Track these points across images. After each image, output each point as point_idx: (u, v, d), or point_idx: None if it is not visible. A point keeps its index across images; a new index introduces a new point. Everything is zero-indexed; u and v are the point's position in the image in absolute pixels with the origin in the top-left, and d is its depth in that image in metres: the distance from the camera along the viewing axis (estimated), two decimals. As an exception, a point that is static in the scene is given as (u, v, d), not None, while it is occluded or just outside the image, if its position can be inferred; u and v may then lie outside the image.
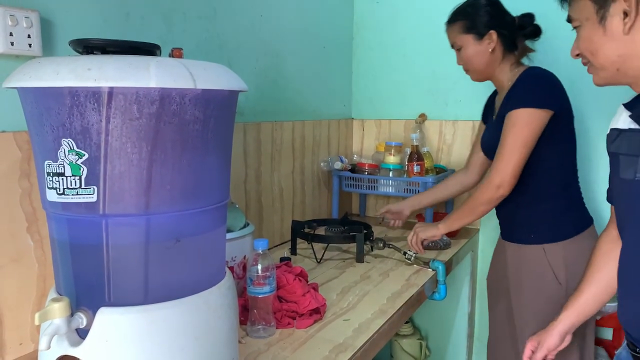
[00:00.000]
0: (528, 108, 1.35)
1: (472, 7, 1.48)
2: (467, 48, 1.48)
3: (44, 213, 0.94)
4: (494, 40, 1.45)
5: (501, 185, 1.38)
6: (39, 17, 1.00)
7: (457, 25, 1.49)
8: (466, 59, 1.50)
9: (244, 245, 1.24)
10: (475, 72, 1.53)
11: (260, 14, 1.69)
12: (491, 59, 1.48)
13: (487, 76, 1.53)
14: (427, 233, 1.60)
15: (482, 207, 1.45)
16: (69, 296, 0.73)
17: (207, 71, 0.73)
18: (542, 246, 1.44)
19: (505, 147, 1.38)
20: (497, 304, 1.64)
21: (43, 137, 0.71)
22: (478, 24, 1.46)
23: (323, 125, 2.11)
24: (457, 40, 1.50)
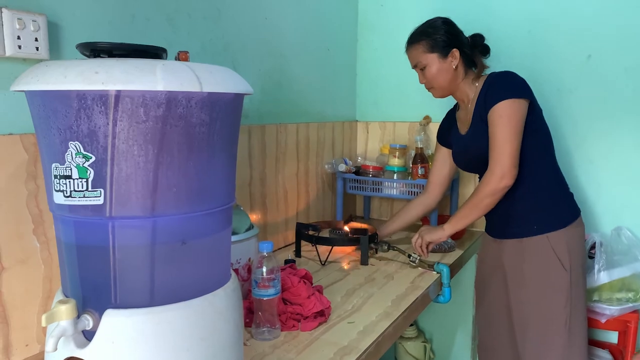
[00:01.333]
0: (509, 99, 1.41)
1: (432, 27, 1.54)
2: (432, 66, 1.54)
3: (50, 215, 0.95)
4: (456, 58, 1.53)
5: (504, 175, 1.40)
6: (46, 20, 1.01)
7: (420, 45, 1.55)
8: (430, 77, 1.55)
9: (249, 247, 1.25)
10: (439, 89, 1.58)
11: (265, 16, 1.69)
12: (454, 75, 1.54)
13: (450, 92, 1.59)
14: (432, 236, 1.59)
15: (487, 199, 1.45)
16: (75, 298, 0.73)
17: (213, 74, 0.74)
18: (546, 235, 1.46)
19: (498, 139, 1.41)
20: (492, 304, 1.63)
21: (50, 140, 0.71)
22: (441, 43, 1.52)
23: (327, 127, 2.11)
24: (422, 60, 1.55)
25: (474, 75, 1.57)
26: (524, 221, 1.50)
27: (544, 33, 1.91)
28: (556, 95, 1.91)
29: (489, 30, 1.99)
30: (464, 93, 1.58)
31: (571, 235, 1.48)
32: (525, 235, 1.50)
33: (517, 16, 1.95)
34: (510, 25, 1.96)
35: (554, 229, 1.47)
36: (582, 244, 1.52)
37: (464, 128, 1.61)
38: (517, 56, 1.95)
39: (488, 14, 2.00)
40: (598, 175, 1.89)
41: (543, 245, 1.47)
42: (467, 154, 1.60)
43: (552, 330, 1.46)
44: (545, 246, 1.46)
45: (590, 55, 1.85)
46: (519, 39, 1.95)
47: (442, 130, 1.75)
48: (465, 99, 1.59)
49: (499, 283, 1.59)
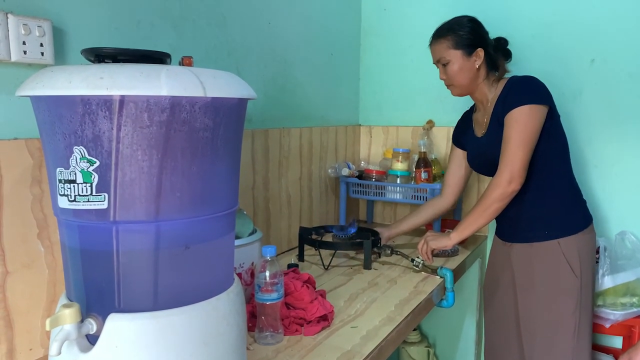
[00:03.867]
0: (527, 105, 1.40)
1: (459, 24, 1.54)
2: (455, 63, 1.52)
3: (54, 219, 0.95)
4: (480, 58, 1.52)
5: (512, 180, 1.39)
6: (51, 26, 1.01)
7: (446, 41, 1.53)
8: (452, 74, 1.53)
9: (252, 251, 1.25)
10: (459, 87, 1.56)
11: (269, 22, 1.70)
12: (476, 75, 1.53)
13: (469, 91, 1.58)
14: (438, 243, 1.58)
15: (495, 205, 1.44)
16: (79, 302, 0.74)
17: (217, 79, 0.74)
18: (557, 241, 1.45)
19: (510, 143, 1.40)
20: (500, 308, 1.63)
21: (55, 145, 0.72)
22: (466, 41, 1.51)
23: (330, 131, 2.11)
24: (446, 55, 1.53)
25: (495, 78, 1.57)
26: (535, 226, 1.49)
27: (547, 37, 1.92)
28: (560, 99, 1.90)
29: (492, 34, 2.00)
30: (483, 94, 1.57)
31: (582, 241, 1.48)
32: (535, 239, 1.49)
33: (521, 21, 1.95)
34: (515, 30, 1.95)
35: (565, 235, 1.46)
36: (592, 251, 1.52)
37: (480, 130, 1.60)
38: (521, 60, 1.95)
39: (493, 18, 2.00)
40: (602, 180, 1.88)
41: (554, 250, 1.46)
42: (482, 157, 1.59)
43: (560, 336, 1.46)
44: (556, 251, 1.46)
45: (594, 59, 1.85)
46: (523, 43, 1.95)
47: (457, 131, 1.74)
48: (484, 101, 1.58)
49: (507, 286, 1.58)
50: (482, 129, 1.58)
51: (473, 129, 1.64)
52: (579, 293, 1.44)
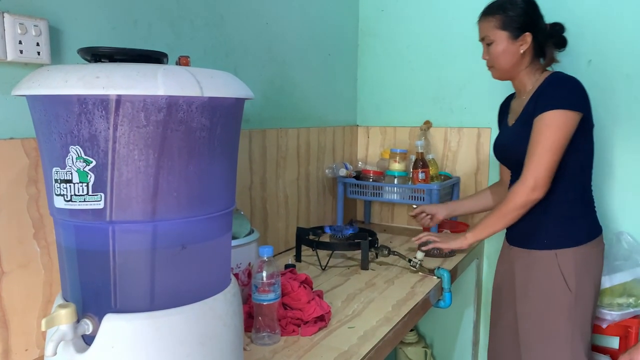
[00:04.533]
0: (561, 110, 1.33)
1: (512, 4, 1.43)
2: (499, 44, 1.44)
3: (51, 219, 0.95)
4: (527, 42, 1.43)
5: (536, 187, 1.34)
6: (47, 25, 1.01)
7: (493, 20, 1.44)
8: (495, 55, 1.46)
9: (249, 252, 1.25)
10: (500, 70, 1.48)
11: (266, 22, 1.70)
12: (519, 60, 1.45)
13: (510, 76, 1.50)
14: (452, 244, 1.53)
15: (516, 211, 1.39)
16: (75, 302, 0.73)
17: (214, 79, 0.74)
18: (555, 251, 1.41)
19: (538, 149, 1.34)
20: (503, 313, 1.61)
21: (51, 144, 0.72)
22: (515, 23, 1.42)
23: (328, 132, 2.11)
24: (490, 35, 1.45)
25: (539, 67, 1.48)
26: (536, 233, 1.45)
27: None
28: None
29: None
30: (522, 83, 1.49)
31: (583, 255, 1.41)
32: (533, 247, 1.46)
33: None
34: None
35: (563, 247, 1.41)
36: (596, 265, 1.45)
37: (512, 119, 1.53)
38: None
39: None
40: (598, 180, 1.89)
41: (550, 261, 1.42)
42: (504, 147, 1.53)
43: (553, 349, 1.43)
44: (551, 262, 1.41)
45: (591, 60, 1.85)
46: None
47: (499, 117, 1.67)
48: (522, 90, 1.50)
49: (509, 290, 1.56)
50: (514, 118, 1.51)
51: (508, 116, 1.57)
52: (572, 308, 1.39)
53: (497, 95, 2.02)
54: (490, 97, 2.03)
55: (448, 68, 2.12)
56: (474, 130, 2.08)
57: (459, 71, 2.10)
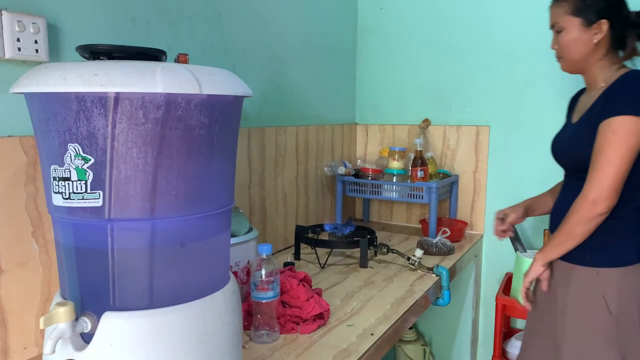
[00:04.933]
0: (633, 116, 1.17)
1: None
2: (569, 32, 1.29)
3: (49, 217, 0.95)
4: (602, 32, 1.27)
5: (597, 202, 1.20)
6: (46, 23, 1.01)
7: (566, 4, 1.30)
8: (564, 44, 1.31)
9: (248, 250, 1.25)
10: (569, 61, 1.34)
11: (265, 20, 1.70)
12: (592, 51, 1.29)
13: (580, 69, 1.35)
14: (528, 275, 1.36)
15: (579, 228, 1.24)
16: (73, 300, 0.73)
17: (213, 76, 0.74)
18: (597, 269, 1.26)
19: (602, 159, 1.19)
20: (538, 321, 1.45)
21: (49, 142, 0.71)
22: (590, 9, 1.27)
23: (327, 130, 2.11)
24: (561, 21, 1.30)
25: (617, 60, 1.31)
26: (580, 247, 1.28)
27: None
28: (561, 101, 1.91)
29: (491, 36, 2.00)
30: (593, 78, 1.33)
31: (629, 277, 1.25)
32: (575, 261, 1.30)
33: (513, 21, 1.95)
34: (507, 29, 1.96)
35: (607, 265, 1.26)
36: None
37: (576, 116, 1.37)
38: (515, 58, 1.96)
39: (488, 17, 2.01)
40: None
41: (590, 279, 1.27)
42: (561, 145, 1.40)
43: None
44: (592, 281, 1.27)
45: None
46: (515, 42, 1.95)
47: (567, 110, 1.50)
48: (591, 86, 1.34)
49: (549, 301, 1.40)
50: (579, 115, 1.35)
51: (574, 112, 1.42)
52: (613, 333, 1.24)
53: (496, 93, 2.02)
54: (489, 95, 2.04)
55: (447, 66, 2.12)
56: (473, 129, 2.08)
57: (457, 69, 2.10)
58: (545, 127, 1.95)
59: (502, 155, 2.04)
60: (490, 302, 2.01)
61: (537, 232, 1.97)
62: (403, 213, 2.29)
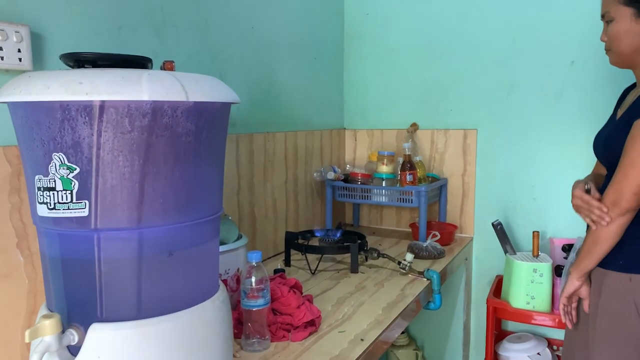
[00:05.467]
0: None
1: None
2: (620, 23, 1.23)
3: (34, 228, 0.93)
4: None
5: (616, 203, 1.18)
6: (29, 31, 1.00)
7: None
8: (614, 35, 1.25)
9: (237, 257, 1.24)
10: (618, 53, 1.27)
11: (252, 26, 1.69)
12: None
13: (629, 63, 1.28)
14: (565, 291, 1.33)
15: (607, 232, 1.21)
16: (60, 312, 0.72)
17: (199, 83, 0.73)
18: (629, 275, 1.23)
19: (627, 159, 1.17)
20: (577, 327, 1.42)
21: (33, 152, 0.70)
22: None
23: (315, 135, 2.11)
24: (612, 11, 1.24)
25: None
26: (612, 252, 1.25)
27: (529, 39, 1.94)
28: (542, 100, 1.93)
29: (477, 40, 2.02)
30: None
31: None
32: (608, 267, 1.27)
33: (499, 25, 1.97)
34: (493, 34, 1.98)
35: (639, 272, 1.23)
36: None
37: (620, 112, 1.33)
38: (501, 62, 1.98)
39: (474, 21, 2.03)
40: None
41: (622, 285, 1.24)
42: (599, 141, 1.35)
43: None
44: (624, 287, 1.23)
45: (573, 61, 1.87)
46: (501, 46, 1.97)
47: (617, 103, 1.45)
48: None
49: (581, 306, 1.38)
50: (622, 111, 1.31)
51: (619, 107, 1.38)
52: None
53: (483, 97, 2.04)
54: (476, 98, 2.05)
55: (433, 70, 2.13)
56: (460, 132, 2.09)
57: (444, 73, 2.11)
58: (531, 130, 1.97)
59: (489, 158, 2.05)
60: (482, 305, 2.01)
61: (526, 233, 1.98)
62: (393, 217, 2.29)
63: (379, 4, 2.22)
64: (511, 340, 1.89)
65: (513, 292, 1.74)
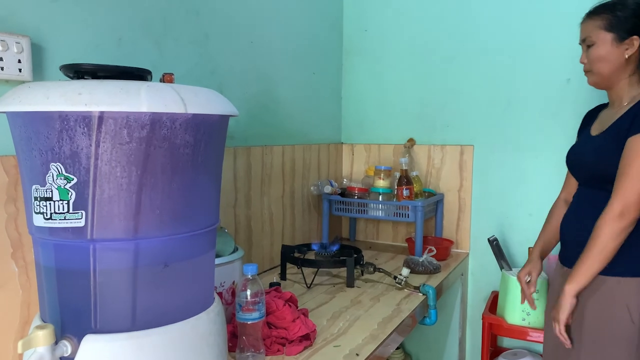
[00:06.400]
0: None
1: (622, 5, 1.31)
2: (601, 47, 1.32)
3: (29, 238, 0.93)
4: (634, 47, 1.30)
5: (623, 214, 1.21)
6: (29, 42, 1.00)
7: (599, 19, 1.33)
8: (594, 58, 1.34)
9: (233, 270, 1.23)
10: (598, 75, 1.36)
11: (251, 41, 1.71)
12: (622, 67, 1.33)
13: (607, 84, 1.37)
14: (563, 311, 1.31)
15: (610, 244, 1.23)
16: (53, 323, 0.72)
17: (198, 96, 0.74)
18: (617, 279, 1.26)
19: (630, 172, 1.22)
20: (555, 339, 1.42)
21: (31, 162, 0.71)
22: (623, 25, 1.30)
23: (313, 149, 2.12)
24: (593, 36, 1.33)
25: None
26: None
27: (525, 58, 1.96)
28: (540, 117, 1.95)
29: (473, 56, 2.04)
30: (618, 94, 1.36)
31: None
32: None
33: (495, 42, 1.99)
34: (489, 51, 2.01)
35: (628, 275, 1.26)
36: None
37: (597, 130, 1.39)
38: (497, 79, 2.00)
39: (470, 39, 2.05)
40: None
41: (611, 287, 1.27)
42: (582, 157, 1.40)
43: None
44: (613, 289, 1.26)
45: (569, 79, 1.89)
46: (497, 62, 1.99)
47: (582, 124, 1.54)
48: (616, 102, 1.37)
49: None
50: (599, 129, 1.38)
51: (592, 125, 1.44)
52: (636, 342, 1.24)
53: (479, 113, 2.05)
54: (473, 115, 2.07)
55: (430, 86, 2.15)
56: (457, 148, 2.11)
57: (441, 89, 2.13)
58: (528, 146, 1.99)
59: (486, 174, 2.06)
60: (477, 321, 2.01)
61: (522, 249, 1.98)
62: (389, 232, 2.29)
63: (377, 20, 2.24)
64: (506, 356, 1.88)
65: (509, 308, 1.73)
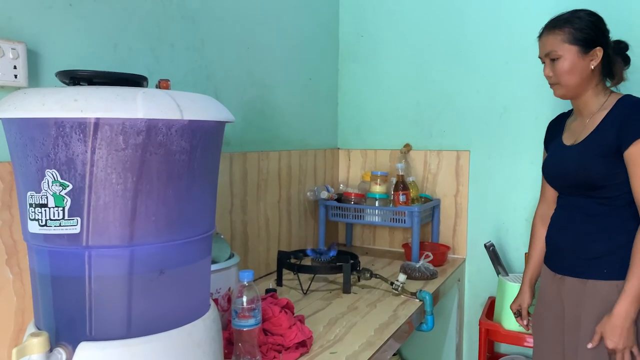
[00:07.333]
0: None
1: (580, 19, 1.34)
2: (567, 60, 1.34)
3: (24, 245, 0.92)
4: (598, 57, 1.34)
5: None
6: (25, 48, 1.00)
7: (562, 33, 1.34)
8: (561, 71, 1.35)
9: (229, 276, 1.23)
10: (565, 87, 1.37)
11: (247, 47, 1.71)
12: (588, 77, 1.35)
13: (575, 94, 1.39)
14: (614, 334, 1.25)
15: None
16: (48, 330, 0.71)
17: (194, 102, 0.74)
18: (616, 282, 1.27)
19: None
20: (546, 344, 1.46)
21: (26, 168, 0.70)
22: (586, 37, 1.33)
23: (309, 155, 2.12)
24: (558, 50, 1.34)
25: (604, 87, 1.39)
26: (595, 261, 1.31)
27: (520, 63, 1.97)
28: (534, 122, 1.95)
29: (470, 62, 2.05)
30: (586, 103, 1.39)
31: None
32: (591, 276, 1.31)
33: (491, 48, 2.01)
34: (485, 57, 2.01)
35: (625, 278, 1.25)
36: None
37: (571, 139, 1.42)
38: (494, 84, 2.01)
39: (467, 44, 2.06)
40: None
41: (609, 293, 1.27)
42: (563, 168, 1.41)
43: None
44: (612, 294, 1.26)
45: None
46: (494, 68, 2.00)
47: (548, 136, 1.57)
48: (584, 111, 1.40)
49: (556, 320, 1.42)
50: (574, 138, 1.40)
51: (562, 135, 1.47)
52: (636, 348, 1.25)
53: (475, 119, 2.06)
54: (469, 120, 2.07)
55: (426, 92, 2.16)
56: (453, 153, 2.11)
57: (437, 95, 2.14)
58: (524, 152, 1.99)
59: (482, 180, 2.07)
60: (474, 327, 2.00)
61: (518, 255, 1.99)
62: (386, 237, 2.29)
63: (374, 26, 2.25)
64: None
65: (505, 314, 1.73)
